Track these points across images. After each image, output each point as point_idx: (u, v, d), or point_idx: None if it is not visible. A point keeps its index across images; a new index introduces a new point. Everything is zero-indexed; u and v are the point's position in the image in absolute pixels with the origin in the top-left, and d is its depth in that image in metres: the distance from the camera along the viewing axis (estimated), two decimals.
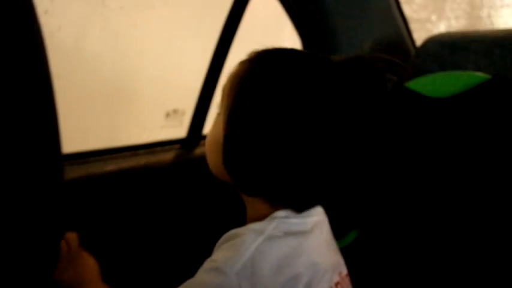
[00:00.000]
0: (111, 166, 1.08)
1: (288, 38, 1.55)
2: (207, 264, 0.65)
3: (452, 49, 1.06)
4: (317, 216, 0.72)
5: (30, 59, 0.47)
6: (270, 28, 1.87)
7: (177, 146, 1.29)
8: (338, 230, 1.01)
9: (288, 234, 0.67)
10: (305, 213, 0.70)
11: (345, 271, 0.76)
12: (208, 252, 0.67)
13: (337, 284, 0.72)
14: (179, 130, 1.43)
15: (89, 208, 0.97)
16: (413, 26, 1.57)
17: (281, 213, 0.68)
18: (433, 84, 1.01)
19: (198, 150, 1.29)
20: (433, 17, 2.99)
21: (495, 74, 0.97)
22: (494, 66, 1.01)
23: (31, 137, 0.48)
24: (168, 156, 1.22)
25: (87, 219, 0.95)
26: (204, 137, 1.23)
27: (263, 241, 0.65)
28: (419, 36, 1.44)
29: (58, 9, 1.45)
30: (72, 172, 0.98)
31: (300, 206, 0.69)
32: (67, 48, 1.55)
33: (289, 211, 0.68)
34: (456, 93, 0.98)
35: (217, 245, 0.67)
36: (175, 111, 1.91)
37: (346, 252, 1.00)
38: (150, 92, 1.79)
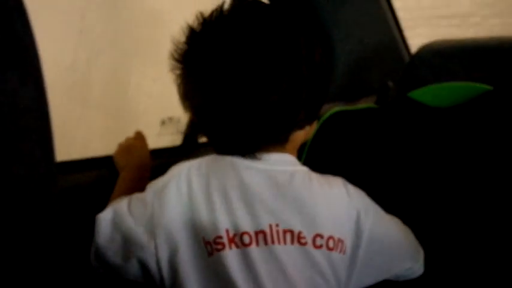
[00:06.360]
0: (107, 174, 1.07)
1: None
2: None
3: (446, 57, 1.07)
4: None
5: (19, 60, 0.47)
6: None
7: (173, 153, 1.29)
8: None
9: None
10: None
11: (283, 227, 0.71)
12: None
13: (261, 231, 0.70)
14: (176, 138, 1.43)
15: (83, 217, 0.96)
16: None
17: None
18: (438, 94, 1.02)
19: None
20: None
21: (488, 81, 0.97)
22: (488, 74, 1.01)
23: (24, 141, 0.48)
24: (164, 163, 1.21)
25: (81, 228, 0.94)
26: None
27: (187, 170, 0.75)
28: None
29: None
30: (65, 181, 0.97)
31: (243, 149, 0.75)
32: None
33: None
34: (459, 103, 0.99)
35: None
36: (170, 119, 1.91)
37: None
38: (146, 100, 1.79)
